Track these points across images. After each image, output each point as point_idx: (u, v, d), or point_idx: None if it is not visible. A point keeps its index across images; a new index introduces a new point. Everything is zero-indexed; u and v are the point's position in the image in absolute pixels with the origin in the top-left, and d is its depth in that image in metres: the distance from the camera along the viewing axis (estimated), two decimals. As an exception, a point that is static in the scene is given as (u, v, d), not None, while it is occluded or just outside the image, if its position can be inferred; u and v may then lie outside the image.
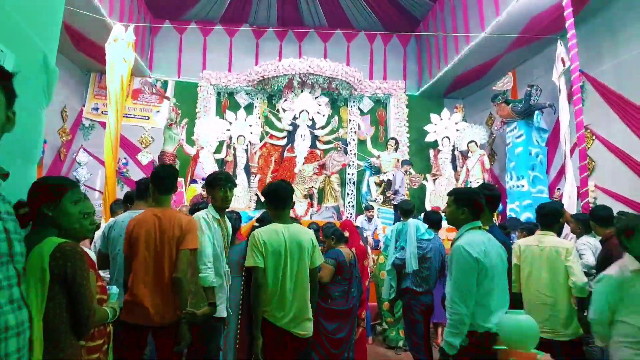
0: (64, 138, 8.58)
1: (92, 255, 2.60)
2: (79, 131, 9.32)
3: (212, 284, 2.65)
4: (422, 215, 5.86)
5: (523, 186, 7.51)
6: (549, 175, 7.58)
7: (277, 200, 2.76)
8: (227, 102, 9.83)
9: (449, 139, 9.36)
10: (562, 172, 7.31)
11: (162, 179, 2.62)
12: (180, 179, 7.70)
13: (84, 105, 9.45)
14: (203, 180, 7.72)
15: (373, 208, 7.23)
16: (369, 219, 7.10)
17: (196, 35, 10.04)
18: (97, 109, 9.51)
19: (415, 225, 3.93)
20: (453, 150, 9.36)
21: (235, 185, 2.89)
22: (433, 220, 4.05)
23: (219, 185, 2.79)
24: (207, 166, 8.10)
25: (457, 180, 9.20)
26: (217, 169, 8.50)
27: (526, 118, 7.55)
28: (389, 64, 10.60)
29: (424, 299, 3.82)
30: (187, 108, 9.20)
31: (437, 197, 9.25)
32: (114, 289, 2.16)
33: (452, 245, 2.48)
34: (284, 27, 10.28)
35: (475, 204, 2.47)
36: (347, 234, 4.05)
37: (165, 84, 9.83)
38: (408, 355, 5.38)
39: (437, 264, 3.86)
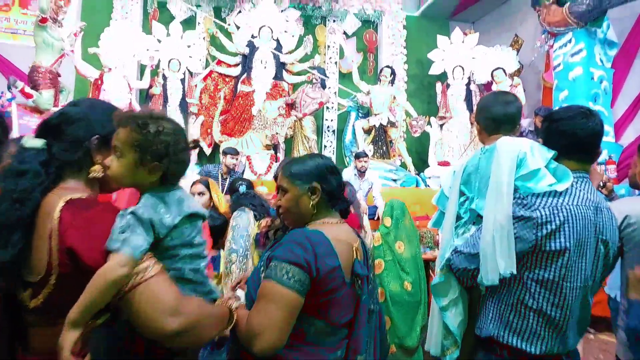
0: None
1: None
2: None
3: None
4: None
5: (578, 127, 5.17)
6: (613, 110, 5.28)
7: None
8: (156, 13, 6.97)
9: (463, 69, 6.90)
10: (637, 105, 5.04)
11: None
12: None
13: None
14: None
15: (366, 155, 4.74)
16: (361, 173, 4.66)
17: None
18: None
19: (517, 152, 1.38)
20: (468, 85, 6.94)
21: None
22: (581, 140, 1.40)
23: None
24: (115, 95, 5.38)
25: (473, 121, 6.84)
26: (132, 101, 5.81)
27: (587, 26, 5.12)
28: (381, -27, 7.89)
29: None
30: (99, 21, 6.37)
31: (446, 147, 6.88)
32: None
33: None
34: None
35: None
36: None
37: (66, -14, 6.87)
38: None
39: (597, 267, 1.38)
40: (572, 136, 1.41)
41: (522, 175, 1.38)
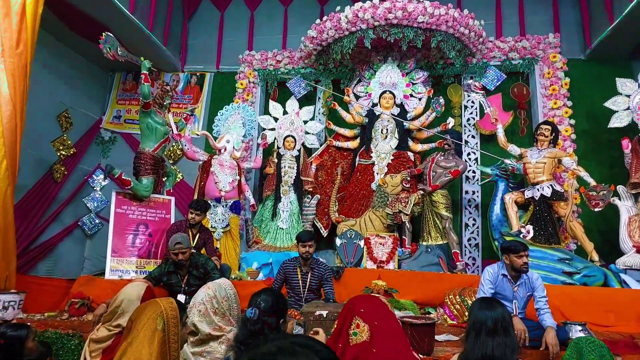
0: (63, 152, 6.37)
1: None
2: (95, 146, 7.17)
3: None
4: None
5: None
6: None
7: None
8: (276, 93, 6.85)
9: (663, 118, 4.96)
10: None
11: None
12: (167, 198, 4.79)
13: (103, 114, 7.34)
14: (217, 201, 4.71)
15: (525, 249, 3.20)
16: (516, 273, 3.17)
17: (241, 11, 7.42)
18: (119, 117, 7.34)
19: None
20: (674, 138, 4.92)
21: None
22: None
23: None
24: (222, 178, 5.04)
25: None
26: (242, 182, 5.43)
27: None
28: (529, 17, 6.57)
29: None
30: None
31: (647, 227, 4.82)
32: None
33: None
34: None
35: None
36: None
37: (201, 78, 7.32)
38: None
39: None
40: None
41: None
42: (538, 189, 5.02)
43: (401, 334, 1.88)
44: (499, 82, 6.19)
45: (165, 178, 4.99)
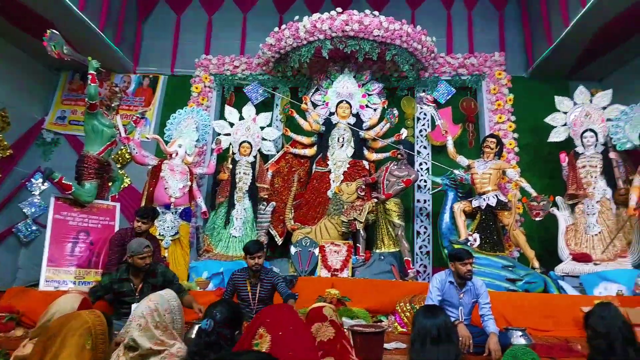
0: (-2, 154, 5.95)
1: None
2: (36, 148, 6.75)
3: None
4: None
5: None
6: None
7: None
8: (233, 98, 6.77)
9: (596, 134, 5.34)
10: None
11: None
12: (112, 204, 4.60)
13: (46, 114, 6.94)
14: (166, 207, 4.55)
15: (469, 257, 3.33)
16: (462, 280, 3.28)
17: (198, 15, 7.29)
18: (63, 118, 6.96)
19: None
20: (605, 152, 5.31)
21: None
22: None
23: None
24: (173, 183, 4.89)
25: (619, 201, 5.06)
26: (193, 188, 5.30)
27: None
28: (477, 36, 6.92)
29: None
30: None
31: (582, 234, 5.16)
32: None
33: None
34: (318, -7, 7.20)
35: None
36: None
37: (154, 80, 7.09)
38: None
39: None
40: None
41: None
42: (484, 199, 5.24)
43: (311, 344, 1.92)
44: (449, 96, 6.44)
45: (111, 183, 4.78)
